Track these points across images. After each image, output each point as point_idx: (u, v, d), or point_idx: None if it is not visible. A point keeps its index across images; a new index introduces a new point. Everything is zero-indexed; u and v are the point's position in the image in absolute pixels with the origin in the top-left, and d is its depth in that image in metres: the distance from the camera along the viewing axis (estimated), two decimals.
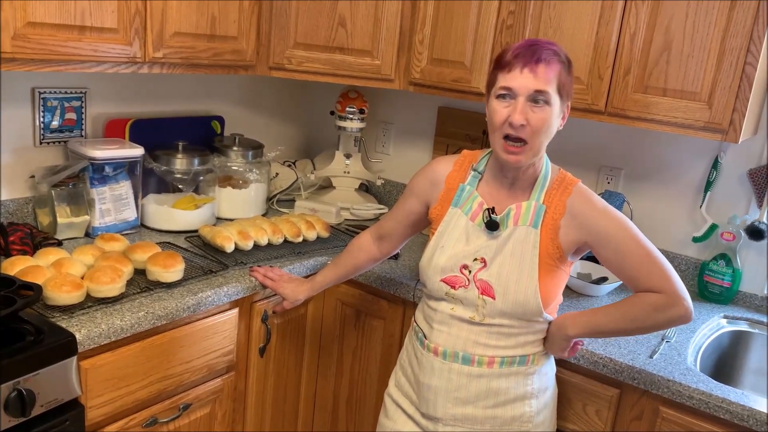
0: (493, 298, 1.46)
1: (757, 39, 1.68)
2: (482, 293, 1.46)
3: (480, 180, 1.55)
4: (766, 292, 2.08)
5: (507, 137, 1.40)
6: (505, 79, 1.38)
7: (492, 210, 1.48)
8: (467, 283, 1.48)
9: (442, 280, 1.51)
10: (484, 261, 1.47)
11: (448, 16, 2.12)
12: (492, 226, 1.47)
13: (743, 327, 2.00)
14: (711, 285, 2.09)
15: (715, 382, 1.58)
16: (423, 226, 1.71)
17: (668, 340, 1.76)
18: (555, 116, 1.40)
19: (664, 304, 1.41)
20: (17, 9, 1.52)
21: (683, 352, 1.71)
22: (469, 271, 1.48)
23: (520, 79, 1.36)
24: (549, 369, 1.58)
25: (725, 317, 2.01)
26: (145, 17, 1.79)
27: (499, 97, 1.40)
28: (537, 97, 1.37)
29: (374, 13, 2.17)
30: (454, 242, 1.51)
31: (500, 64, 1.41)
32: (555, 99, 1.38)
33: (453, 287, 1.50)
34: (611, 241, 1.43)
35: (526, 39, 1.59)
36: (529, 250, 1.45)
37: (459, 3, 2.09)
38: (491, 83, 1.43)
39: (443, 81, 2.16)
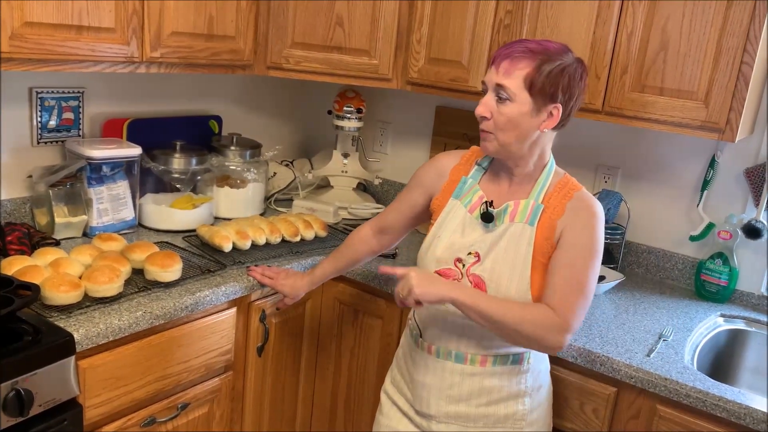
0: (485, 292, 1.46)
1: (754, 38, 1.68)
2: (474, 287, 1.47)
3: (483, 175, 1.56)
4: (762, 290, 2.08)
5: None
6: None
7: (490, 203, 1.49)
8: (460, 277, 1.49)
9: (437, 272, 1.51)
10: (478, 255, 1.48)
11: (445, 15, 2.12)
12: (487, 218, 1.48)
13: (740, 325, 2.00)
14: (708, 284, 2.09)
15: (712, 380, 1.58)
16: (424, 220, 1.71)
17: (665, 339, 1.77)
18: (523, 114, 1.40)
19: (554, 326, 1.39)
20: (14, 9, 1.52)
21: (680, 350, 1.72)
22: (463, 265, 1.49)
23: (489, 74, 1.43)
24: (543, 367, 1.59)
25: (722, 316, 2.01)
26: (143, 17, 1.79)
27: (483, 92, 1.46)
28: (499, 92, 1.40)
29: (372, 13, 2.17)
30: (450, 233, 1.52)
31: None
32: (521, 96, 1.38)
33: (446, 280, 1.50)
34: (572, 246, 1.43)
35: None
36: (523, 247, 1.45)
37: (456, 3, 2.10)
38: None
39: (441, 80, 2.17)
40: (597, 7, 1.86)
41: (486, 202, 1.49)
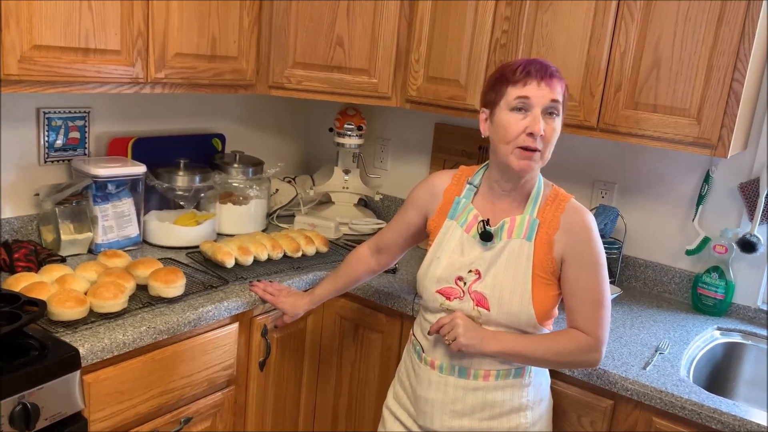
0: (488, 309, 1.49)
1: (744, 56, 1.72)
2: (477, 305, 1.50)
3: (475, 194, 1.58)
4: (759, 303, 2.10)
5: (524, 147, 1.42)
6: (521, 91, 1.41)
7: (487, 222, 1.52)
8: (462, 295, 1.51)
9: (438, 291, 1.54)
10: (478, 273, 1.50)
11: (443, 35, 2.17)
12: (486, 237, 1.51)
13: (736, 339, 2.02)
14: (704, 297, 2.11)
15: (707, 392, 1.60)
16: (421, 239, 1.74)
17: (662, 352, 1.79)
18: (560, 128, 1.47)
19: (589, 347, 1.49)
20: (23, 32, 1.57)
21: (676, 363, 1.74)
22: (464, 283, 1.51)
23: (538, 91, 1.40)
24: (544, 381, 1.61)
25: (719, 329, 2.03)
26: (147, 39, 1.83)
27: (514, 109, 1.42)
28: (552, 108, 1.42)
29: (371, 33, 2.22)
30: (449, 253, 1.55)
31: (511, 79, 1.43)
32: (563, 111, 1.47)
33: (448, 298, 1.53)
34: (579, 267, 1.48)
35: (526, 57, 1.62)
36: (522, 263, 1.48)
37: (454, 23, 2.14)
38: (499, 97, 1.44)
39: (439, 98, 2.20)
40: (591, 26, 1.90)
41: (482, 221, 1.52)
